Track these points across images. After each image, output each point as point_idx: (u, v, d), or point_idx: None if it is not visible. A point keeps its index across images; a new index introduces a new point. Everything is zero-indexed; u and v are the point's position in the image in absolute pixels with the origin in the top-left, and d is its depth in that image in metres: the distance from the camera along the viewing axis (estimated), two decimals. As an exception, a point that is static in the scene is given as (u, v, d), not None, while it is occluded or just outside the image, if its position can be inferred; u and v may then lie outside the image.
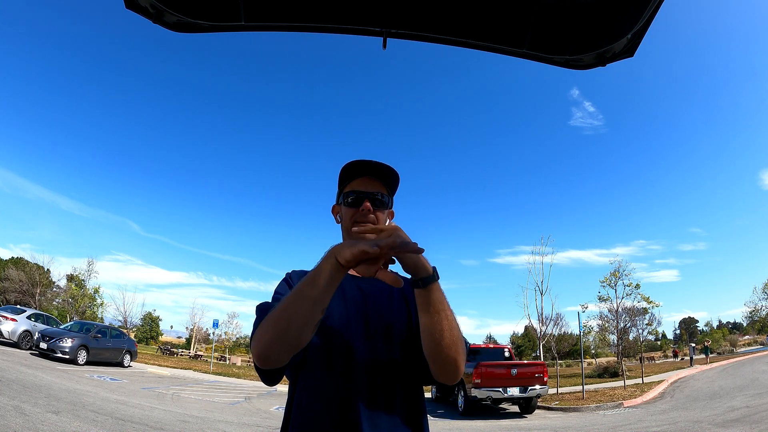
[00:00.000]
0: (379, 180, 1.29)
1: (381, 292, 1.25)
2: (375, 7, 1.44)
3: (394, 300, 1.26)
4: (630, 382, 18.84)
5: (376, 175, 1.28)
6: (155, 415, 7.99)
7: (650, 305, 24.21)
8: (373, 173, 1.28)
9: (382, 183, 1.29)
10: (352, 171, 1.28)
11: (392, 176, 1.29)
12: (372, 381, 1.12)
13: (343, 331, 1.15)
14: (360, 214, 1.23)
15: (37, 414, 6.23)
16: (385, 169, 1.27)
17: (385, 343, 1.17)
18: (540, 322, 22.49)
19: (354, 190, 1.26)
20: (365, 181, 1.27)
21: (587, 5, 1.41)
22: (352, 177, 1.29)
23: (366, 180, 1.27)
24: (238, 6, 1.41)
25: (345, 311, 1.19)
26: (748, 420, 8.81)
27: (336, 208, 1.37)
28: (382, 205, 1.28)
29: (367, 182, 1.27)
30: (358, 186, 1.27)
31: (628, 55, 1.40)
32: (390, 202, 1.32)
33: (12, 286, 35.03)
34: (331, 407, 1.09)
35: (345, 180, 1.30)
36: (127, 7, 1.30)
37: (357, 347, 1.14)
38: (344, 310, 1.19)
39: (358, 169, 1.27)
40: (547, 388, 12.93)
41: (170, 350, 39.11)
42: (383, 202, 1.28)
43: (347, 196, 1.28)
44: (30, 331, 16.24)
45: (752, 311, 48.77)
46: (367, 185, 1.27)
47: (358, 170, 1.27)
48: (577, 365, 33.44)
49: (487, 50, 1.54)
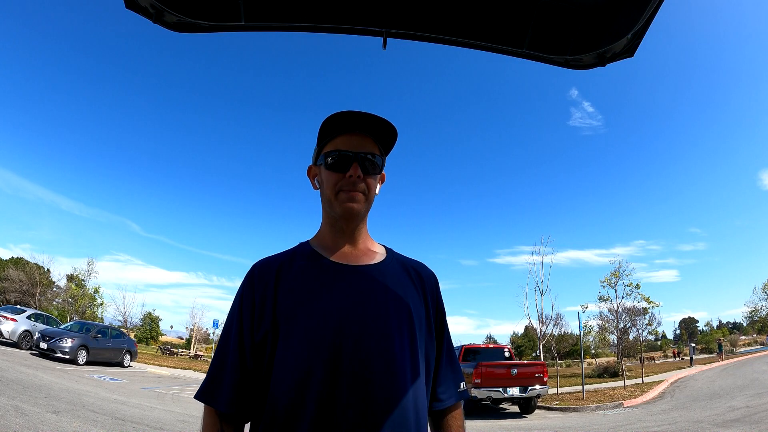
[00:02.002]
0: (370, 136, 1.05)
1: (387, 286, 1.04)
2: (375, 7, 1.44)
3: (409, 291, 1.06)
4: (630, 382, 18.83)
5: (366, 130, 1.04)
6: (155, 415, 7.98)
7: (650, 305, 24.27)
8: (363, 128, 1.04)
9: (374, 140, 1.06)
10: (336, 125, 1.03)
11: (387, 131, 1.06)
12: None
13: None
14: (347, 182, 1.02)
15: (37, 414, 6.23)
16: (378, 121, 1.03)
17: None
18: (540, 322, 22.53)
19: (338, 149, 1.03)
20: (352, 138, 1.04)
21: (587, 5, 1.41)
22: (336, 132, 1.04)
23: (354, 137, 1.04)
24: (238, 6, 1.41)
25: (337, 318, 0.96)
26: (748, 420, 8.81)
27: (313, 170, 1.13)
28: (373, 169, 1.05)
29: (354, 139, 1.04)
30: (343, 144, 1.03)
31: (628, 55, 1.40)
32: (383, 164, 1.10)
33: (12, 286, 35.02)
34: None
35: (326, 136, 1.05)
36: (127, 7, 1.30)
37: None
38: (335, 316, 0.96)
39: (343, 123, 1.03)
40: (547, 388, 12.93)
41: (170, 350, 39.11)
42: (375, 165, 1.06)
43: (329, 155, 1.04)
44: (30, 331, 16.24)
45: (752, 311, 48.82)
46: (355, 143, 1.04)
47: (343, 124, 1.03)
48: (577, 365, 33.42)
49: (487, 50, 1.54)
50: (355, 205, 1.04)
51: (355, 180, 1.02)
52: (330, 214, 1.09)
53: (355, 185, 1.03)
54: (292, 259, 1.07)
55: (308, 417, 0.89)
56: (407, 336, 0.99)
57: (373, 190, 1.07)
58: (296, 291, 1.00)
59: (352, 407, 0.90)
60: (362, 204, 1.05)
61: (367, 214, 1.11)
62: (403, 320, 1.00)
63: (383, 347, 0.95)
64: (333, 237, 1.10)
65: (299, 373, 0.92)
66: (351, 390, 0.90)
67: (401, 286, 1.05)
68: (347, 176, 1.02)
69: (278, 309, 0.99)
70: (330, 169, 1.04)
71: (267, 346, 0.99)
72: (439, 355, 1.12)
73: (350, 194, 1.03)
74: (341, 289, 1.00)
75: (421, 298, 1.08)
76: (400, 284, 1.06)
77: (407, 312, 1.01)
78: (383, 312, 0.98)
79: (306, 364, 0.92)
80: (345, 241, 1.09)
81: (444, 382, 1.12)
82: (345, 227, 1.08)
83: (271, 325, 0.98)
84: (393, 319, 0.99)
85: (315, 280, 1.02)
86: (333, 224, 1.10)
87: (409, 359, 0.98)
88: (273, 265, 1.06)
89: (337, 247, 1.08)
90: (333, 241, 1.09)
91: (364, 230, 1.12)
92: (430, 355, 1.08)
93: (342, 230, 1.08)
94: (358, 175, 1.02)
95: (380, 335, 0.96)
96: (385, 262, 1.10)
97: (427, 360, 1.06)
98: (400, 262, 1.13)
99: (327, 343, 0.93)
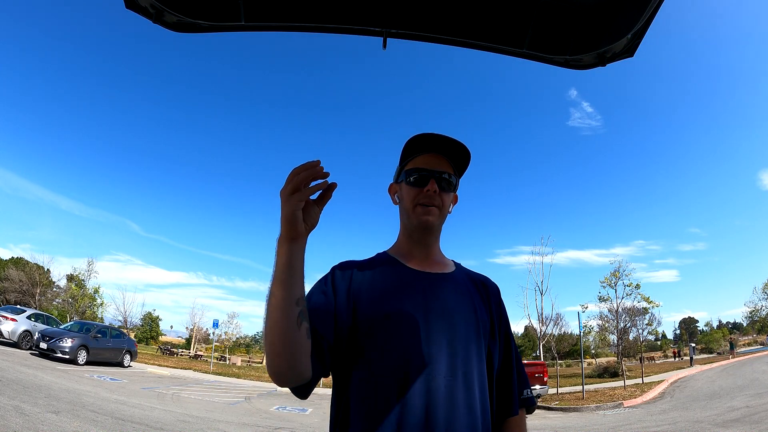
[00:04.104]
0: (446, 158, 1.15)
1: (456, 289, 1.11)
2: (375, 7, 1.44)
3: (474, 299, 1.12)
4: (630, 382, 18.84)
5: (444, 151, 1.14)
6: (155, 415, 7.98)
7: (650, 305, 24.18)
8: (441, 149, 1.14)
9: (450, 161, 1.15)
10: (418, 145, 1.14)
11: (463, 154, 1.15)
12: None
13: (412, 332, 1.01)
14: (424, 196, 1.11)
15: (37, 414, 6.23)
16: (456, 145, 1.13)
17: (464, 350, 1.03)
18: (540, 322, 22.55)
19: (418, 167, 1.13)
20: (431, 158, 1.14)
21: (587, 5, 1.41)
22: (417, 152, 1.15)
23: (432, 157, 1.14)
24: (238, 6, 1.41)
25: (415, 310, 1.03)
26: (748, 420, 8.81)
27: (394, 187, 1.23)
28: (448, 187, 1.14)
29: (433, 159, 1.14)
30: (423, 163, 1.14)
31: (628, 55, 1.40)
32: (457, 184, 1.18)
33: (12, 286, 35.00)
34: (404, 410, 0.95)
35: (408, 155, 1.16)
36: (127, 7, 1.30)
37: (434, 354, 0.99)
38: (415, 309, 1.03)
39: (424, 144, 1.13)
40: (547, 388, 12.95)
41: (170, 350, 39.09)
42: (450, 183, 1.15)
43: (410, 173, 1.14)
44: (30, 331, 16.22)
45: (752, 311, 48.81)
46: (433, 163, 1.13)
47: (424, 145, 1.14)
48: (577, 365, 33.43)
49: (487, 50, 1.54)
50: (430, 218, 1.13)
51: (432, 194, 1.11)
52: (407, 226, 1.18)
53: (431, 199, 1.12)
54: (371, 263, 1.16)
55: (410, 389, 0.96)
56: (474, 342, 1.06)
57: (447, 206, 1.16)
58: (377, 289, 1.07)
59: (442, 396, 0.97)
60: (437, 217, 1.14)
61: (440, 229, 1.20)
62: (471, 326, 1.07)
63: (464, 353, 1.03)
64: (409, 247, 1.18)
65: (400, 362, 0.98)
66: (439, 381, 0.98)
67: (470, 295, 1.13)
68: (425, 190, 1.12)
69: (359, 306, 1.05)
70: (410, 185, 1.15)
71: (344, 332, 1.03)
72: (507, 361, 1.17)
73: (427, 208, 1.12)
74: (422, 291, 1.07)
75: (487, 307, 1.16)
76: (470, 293, 1.13)
77: (476, 319, 1.08)
78: (455, 316, 1.06)
79: (404, 358, 0.98)
80: (420, 251, 1.17)
81: (508, 389, 1.16)
82: (421, 239, 1.17)
83: (351, 318, 1.04)
84: (465, 325, 1.06)
85: (396, 282, 1.09)
86: (410, 236, 1.18)
87: (477, 365, 1.05)
88: (354, 265, 1.14)
89: (413, 256, 1.17)
90: (409, 251, 1.18)
91: (437, 243, 1.21)
92: (494, 361, 1.12)
93: (418, 241, 1.17)
94: (435, 190, 1.11)
95: (464, 338, 1.04)
96: (455, 273, 1.19)
97: (490, 366, 1.11)
98: (467, 274, 1.22)
99: (421, 338, 1.00)
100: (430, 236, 1.17)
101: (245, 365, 35.13)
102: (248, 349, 55.70)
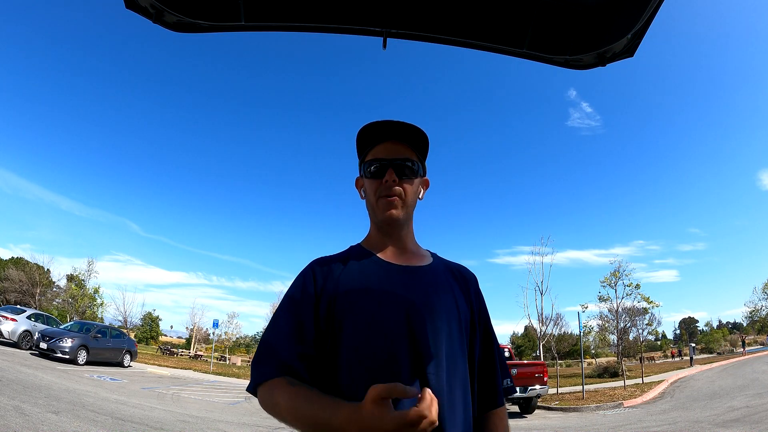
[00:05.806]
0: (404, 143, 1.11)
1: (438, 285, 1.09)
2: (375, 7, 1.44)
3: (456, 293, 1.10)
4: (630, 382, 18.84)
5: (400, 137, 1.10)
6: (155, 415, 7.98)
7: (650, 305, 24.21)
8: (397, 136, 1.10)
9: (410, 146, 1.11)
10: (372, 136, 1.11)
11: (419, 137, 1.12)
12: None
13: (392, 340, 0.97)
14: (384, 187, 1.08)
15: (37, 414, 6.23)
16: (410, 129, 1.10)
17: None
18: (540, 322, 22.53)
19: (376, 158, 1.10)
20: (388, 146, 1.10)
21: (587, 5, 1.41)
22: (373, 143, 1.11)
23: (389, 145, 1.10)
24: (238, 6, 1.41)
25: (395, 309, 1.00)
26: (748, 420, 8.81)
27: (360, 182, 1.19)
28: (411, 174, 1.11)
29: (390, 147, 1.10)
30: (380, 153, 1.10)
31: (628, 55, 1.40)
32: (421, 169, 1.15)
33: (12, 286, 35.02)
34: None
35: (365, 147, 1.13)
36: (127, 7, 1.30)
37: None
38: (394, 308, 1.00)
39: (378, 133, 1.10)
40: (547, 388, 12.93)
41: (170, 350, 39.11)
42: (412, 170, 1.11)
43: (368, 165, 1.11)
44: (30, 331, 16.23)
45: (752, 311, 48.84)
46: (391, 151, 1.09)
47: (378, 134, 1.10)
48: (577, 365, 33.43)
49: (487, 50, 1.54)
50: (394, 212, 1.10)
51: (390, 185, 1.08)
52: (375, 221, 1.16)
53: (390, 189, 1.08)
54: (347, 257, 1.12)
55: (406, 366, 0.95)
56: (457, 337, 1.04)
57: (411, 194, 1.11)
58: (356, 282, 1.04)
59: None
60: (400, 209, 1.10)
61: (410, 219, 1.17)
62: (453, 321, 1.04)
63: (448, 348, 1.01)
64: (382, 240, 1.15)
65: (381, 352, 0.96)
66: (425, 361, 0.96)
67: (450, 288, 1.10)
68: (383, 182, 1.08)
69: (338, 300, 1.02)
70: (370, 177, 1.11)
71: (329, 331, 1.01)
72: (488, 353, 1.15)
73: (388, 200, 1.09)
74: (403, 285, 1.04)
75: (467, 299, 1.13)
76: (448, 285, 1.10)
77: (456, 312, 1.06)
78: (437, 310, 1.03)
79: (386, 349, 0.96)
80: (392, 244, 1.14)
81: (491, 381, 1.15)
82: (391, 232, 1.14)
83: (329, 313, 1.01)
84: (447, 320, 1.03)
85: (372, 275, 1.06)
86: (379, 229, 1.16)
87: (460, 361, 1.03)
88: (330, 261, 1.11)
89: (387, 248, 1.14)
90: (382, 244, 1.15)
91: (410, 234, 1.18)
92: (475, 353, 1.11)
93: (389, 234, 1.14)
94: (393, 179, 1.07)
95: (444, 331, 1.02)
96: (433, 264, 1.15)
97: (471, 359, 1.09)
98: (445, 265, 1.19)
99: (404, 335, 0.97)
100: (401, 229, 1.14)
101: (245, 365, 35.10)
102: (248, 349, 55.72)
